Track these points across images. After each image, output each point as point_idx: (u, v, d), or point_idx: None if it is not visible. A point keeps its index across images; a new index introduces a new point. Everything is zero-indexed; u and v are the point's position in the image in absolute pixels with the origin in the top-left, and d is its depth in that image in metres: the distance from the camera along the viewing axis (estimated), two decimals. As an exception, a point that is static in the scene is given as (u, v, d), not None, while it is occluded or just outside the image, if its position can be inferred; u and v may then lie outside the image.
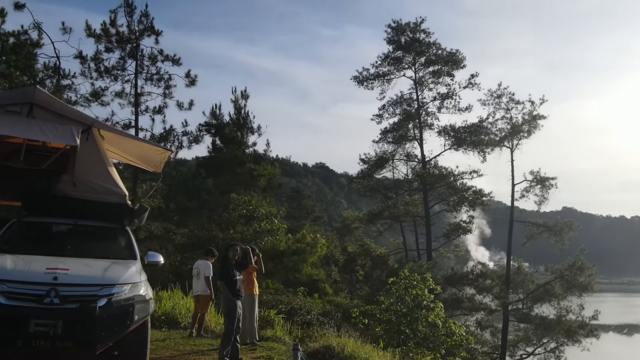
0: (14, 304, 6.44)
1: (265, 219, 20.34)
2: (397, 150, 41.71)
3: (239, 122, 23.94)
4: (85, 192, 8.67)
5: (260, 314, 13.43)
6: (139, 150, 10.80)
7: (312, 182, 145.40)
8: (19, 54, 23.95)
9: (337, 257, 47.38)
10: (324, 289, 37.00)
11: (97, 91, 25.80)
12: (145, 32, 25.93)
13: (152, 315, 12.87)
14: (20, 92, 8.86)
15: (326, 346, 10.51)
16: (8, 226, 8.31)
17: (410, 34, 40.11)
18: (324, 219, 73.91)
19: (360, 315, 22.03)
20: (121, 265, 7.56)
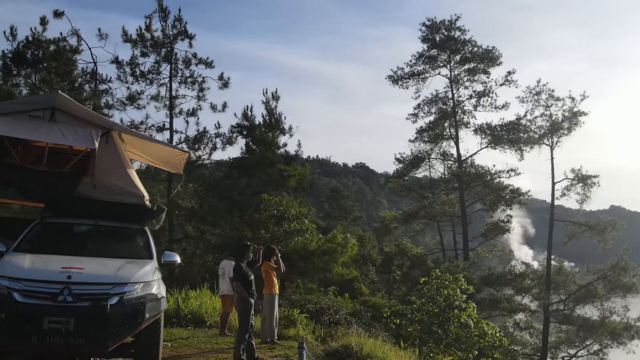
0: (29, 302, 6.69)
1: (295, 220, 20.44)
2: (433, 149, 41.40)
3: (270, 123, 24.14)
4: (105, 193, 8.92)
5: (284, 313, 13.56)
6: (159, 152, 11.05)
7: (353, 182, 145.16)
8: (58, 61, 24.71)
9: (374, 257, 47.32)
10: (360, 288, 36.99)
11: (133, 95, 26.44)
12: (179, 36, 26.47)
13: (178, 314, 13.24)
14: (42, 97, 9.19)
15: (345, 345, 10.55)
16: (31, 227, 8.62)
17: (445, 31, 39.73)
18: (363, 219, 73.81)
19: (391, 315, 22.00)
20: (135, 265, 7.74)
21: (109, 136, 9.09)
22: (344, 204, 71.42)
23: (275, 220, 20.21)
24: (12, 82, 27.31)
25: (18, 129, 8.62)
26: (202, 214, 23.18)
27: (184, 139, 26.18)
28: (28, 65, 27.10)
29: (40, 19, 27.10)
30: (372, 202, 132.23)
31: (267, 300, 11.11)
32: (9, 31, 26.83)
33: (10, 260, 7.36)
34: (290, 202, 21.18)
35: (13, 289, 6.74)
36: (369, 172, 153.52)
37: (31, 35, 27.15)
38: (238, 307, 9.76)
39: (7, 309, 6.62)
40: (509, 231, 39.89)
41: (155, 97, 26.71)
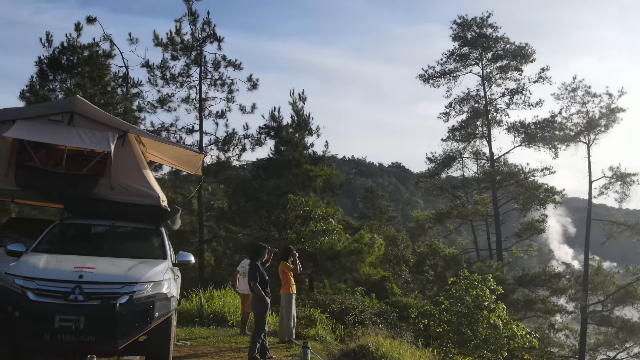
0: (42, 300, 6.90)
1: (322, 220, 20.48)
2: (465, 148, 40.91)
3: (298, 124, 24.26)
4: (122, 194, 9.13)
5: (304, 313, 13.62)
6: (176, 154, 11.25)
7: (388, 182, 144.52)
8: (91, 65, 25.32)
9: (407, 257, 47.05)
10: (391, 289, 36.80)
11: (164, 98, 26.86)
12: (208, 38, 26.77)
13: (201, 313, 13.42)
14: (61, 101, 9.46)
15: (362, 345, 10.56)
16: (51, 228, 8.89)
17: (477, 29, 39.22)
18: (398, 219, 73.32)
19: (419, 315, 21.86)
20: (147, 265, 7.89)
21: (125, 139, 9.30)
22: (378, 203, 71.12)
23: (302, 220, 20.29)
24: (48, 87, 28.08)
25: (38, 133, 8.90)
26: (231, 214, 23.47)
27: (214, 140, 26.49)
28: (63, 70, 27.86)
29: (75, 25, 27.87)
30: (408, 202, 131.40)
31: (285, 300, 11.18)
32: (45, 38, 27.66)
33: (26, 260, 7.60)
34: (316, 202, 21.24)
35: (27, 288, 6.96)
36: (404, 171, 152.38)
37: (66, 41, 27.93)
38: (255, 306, 9.82)
39: (21, 308, 6.85)
40: (543, 231, 39.21)
41: (186, 99, 27.08)
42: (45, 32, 28.53)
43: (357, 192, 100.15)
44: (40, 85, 28.02)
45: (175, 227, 10.64)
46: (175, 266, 8.86)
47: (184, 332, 12.36)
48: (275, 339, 11.41)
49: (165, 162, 12.59)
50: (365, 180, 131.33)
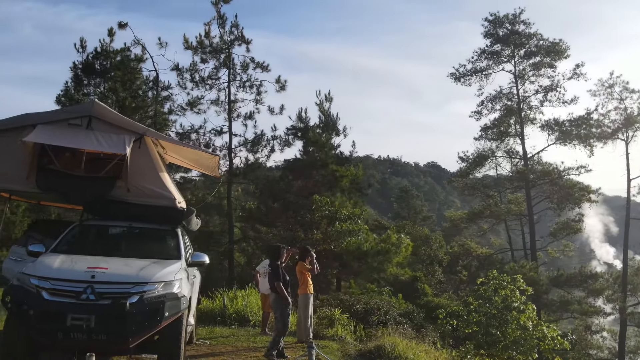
0: (55, 300, 7.09)
1: (348, 220, 20.51)
2: (499, 146, 40.34)
3: (325, 125, 24.34)
4: (138, 196, 9.32)
5: (325, 313, 13.66)
6: (194, 156, 11.42)
7: (424, 181, 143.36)
8: (122, 70, 25.87)
9: (441, 257, 46.66)
10: (423, 289, 36.58)
11: (194, 100, 27.26)
12: (236, 41, 27.07)
13: (223, 313, 13.58)
14: (80, 106, 9.72)
15: (379, 346, 10.54)
16: (70, 229, 9.14)
17: (509, 25, 38.64)
18: (433, 218, 72.78)
19: (447, 316, 21.66)
20: (160, 265, 8.03)
21: (142, 141, 9.49)
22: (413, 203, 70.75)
23: (328, 220, 20.35)
24: (83, 92, 28.78)
25: (57, 137, 9.15)
26: (259, 215, 23.69)
27: (243, 141, 26.77)
28: (97, 75, 28.49)
29: (108, 30, 28.52)
30: (444, 202, 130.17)
31: (302, 300, 11.23)
32: (79, 43, 28.35)
33: (43, 260, 7.83)
34: (343, 203, 21.27)
35: (41, 288, 7.16)
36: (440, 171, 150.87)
37: (100, 46, 28.57)
38: (277, 306, 9.88)
39: (35, 307, 7.05)
40: (580, 231, 38.39)
41: (215, 101, 27.47)
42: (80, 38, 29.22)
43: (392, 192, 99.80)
44: (75, 89, 28.74)
45: (193, 227, 10.81)
46: (190, 266, 8.98)
47: (206, 331, 12.53)
48: (293, 339, 11.48)
49: (184, 164, 12.78)
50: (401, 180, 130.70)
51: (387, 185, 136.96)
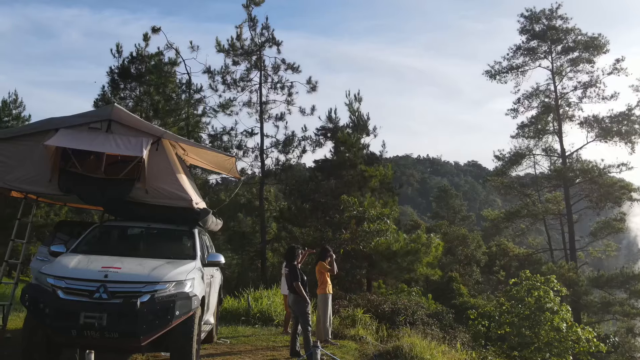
0: (70, 298, 7.31)
1: (376, 220, 20.44)
2: (537, 144, 39.55)
3: (355, 125, 24.35)
4: (156, 197, 9.52)
5: (348, 313, 13.67)
6: (212, 158, 11.60)
7: (464, 180, 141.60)
8: (155, 74, 26.38)
9: (478, 257, 46.05)
10: (459, 289, 36.18)
11: (227, 102, 27.59)
12: (267, 43, 27.28)
13: (247, 312, 13.73)
14: (100, 110, 9.95)
15: (397, 346, 10.50)
16: (91, 229, 9.41)
17: (546, 21, 37.87)
18: (472, 218, 71.85)
19: (478, 316, 21.42)
20: (172, 265, 8.17)
21: (160, 144, 9.70)
22: (452, 203, 70.03)
23: (356, 220, 20.33)
24: (119, 96, 29.43)
25: (78, 141, 9.43)
26: (290, 215, 23.84)
27: (274, 142, 26.97)
28: (133, 79, 29.07)
29: (143, 35, 29.03)
30: (485, 201, 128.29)
31: (321, 300, 11.26)
32: (115, 49, 29.00)
33: (60, 260, 8.07)
34: (372, 203, 21.21)
35: (57, 287, 7.39)
36: (481, 170, 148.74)
37: (135, 51, 29.18)
38: (298, 307, 9.94)
39: (50, 305, 7.28)
40: (622, 230, 37.34)
41: (248, 103, 27.76)
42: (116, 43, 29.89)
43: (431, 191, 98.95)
44: (112, 93, 29.41)
45: (212, 228, 10.97)
46: (206, 266, 9.11)
47: (229, 330, 12.69)
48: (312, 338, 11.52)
49: (204, 166, 12.97)
50: (440, 179, 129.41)
51: (427, 184, 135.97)
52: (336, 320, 13.29)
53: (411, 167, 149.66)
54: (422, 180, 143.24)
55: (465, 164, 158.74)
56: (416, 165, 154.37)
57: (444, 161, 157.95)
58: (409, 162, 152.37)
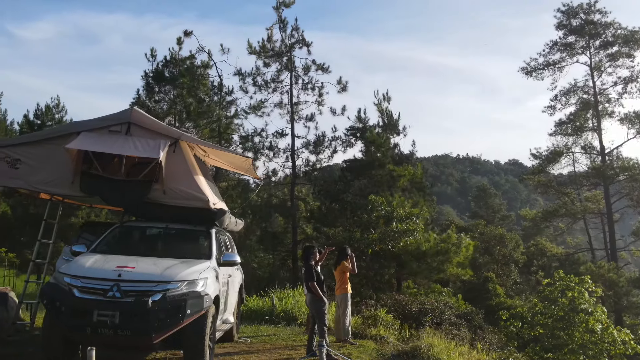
0: (84, 297, 7.53)
1: (405, 220, 20.31)
2: (576, 142, 38.62)
3: (387, 124, 24.28)
4: (174, 198, 9.71)
5: (371, 313, 13.65)
6: (230, 159, 11.75)
7: (505, 179, 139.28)
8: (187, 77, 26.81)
9: (516, 257, 45.28)
10: (495, 289, 35.64)
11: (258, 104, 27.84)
12: (297, 44, 27.42)
13: (271, 312, 13.85)
14: (120, 113, 10.16)
15: (416, 346, 10.46)
16: (111, 229, 9.65)
17: (584, 15, 36.95)
18: (512, 217, 70.71)
19: (510, 317, 21.08)
20: (186, 264, 8.31)
21: (177, 145, 9.88)
22: (491, 202, 69.07)
23: (384, 220, 20.26)
24: (154, 99, 30.04)
25: (98, 144, 9.70)
26: (320, 215, 23.93)
27: (305, 143, 27.09)
28: (166, 82, 29.63)
29: (177, 39, 29.59)
30: (526, 200, 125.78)
31: (341, 300, 11.28)
32: (150, 53, 29.61)
33: (77, 260, 8.31)
34: (401, 203, 21.09)
35: (73, 286, 7.62)
36: (522, 168, 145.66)
37: (169, 54, 29.73)
38: (315, 306, 9.99)
39: (66, 303, 7.51)
40: (665, 230, 36.16)
41: (279, 104, 27.97)
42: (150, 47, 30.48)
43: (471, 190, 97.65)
44: (147, 97, 30.02)
45: (232, 228, 11.12)
46: (222, 266, 9.23)
47: (252, 329, 12.82)
48: (332, 338, 11.56)
49: (224, 166, 13.14)
50: (480, 178, 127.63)
51: (467, 183, 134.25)
52: (359, 319, 13.30)
53: (450, 166, 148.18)
54: (462, 179, 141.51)
55: (505, 163, 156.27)
56: (455, 164, 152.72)
57: (483, 160, 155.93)
58: (447, 162, 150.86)
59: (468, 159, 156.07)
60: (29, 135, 12.41)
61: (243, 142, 27.22)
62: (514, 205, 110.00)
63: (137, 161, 10.38)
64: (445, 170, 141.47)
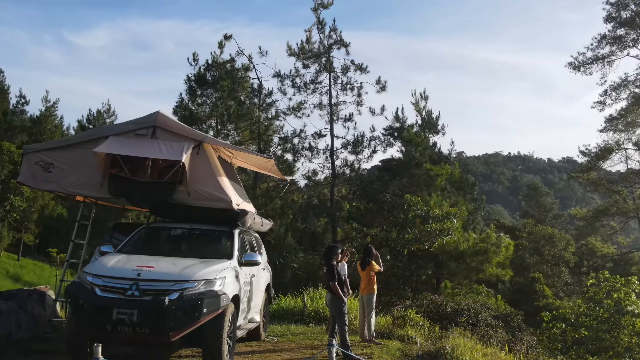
0: (105, 295, 7.78)
1: (442, 219, 20.08)
2: (628, 138, 37.26)
3: (426, 123, 24.08)
4: (198, 199, 9.92)
5: (401, 313, 13.57)
6: (253, 160, 11.89)
7: (559, 177, 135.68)
8: (226, 80, 27.24)
9: (567, 257, 44.15)
10: (542, 290, 34.84)
11: (298, 105, 28.05)
12: (335, 45, 27.49)
13: (303, 311, 13.94)
14: (146, 117, 10.41)
15: (441, 347, 10.36)
16: (138, 230, 9.94)
17: (634, 6, 35.61)
18: (565, 217, 68.88)
19: (552, 319, 20.57)
20: (205, 264, 8.47)
21: (201, 148, 10.08)
22: (542, 201, 67.56)
23: (420, 220, 20.09)
24: (197, 102, 30.63)
25: (125, 147, 9.98)
26: (358, 215, 23.91)
27: (344, 143, 27.14)
28: (208, 85, 30.18)
29: (218, 42, 30.12)
30: (582, 199, 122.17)
31: (366, 300, 11.27)
32: (192, 57, 30.20)
33: (101, 260, 8.59)
34: (438, 202, 20.87)
35: (95, 285, 7.88)
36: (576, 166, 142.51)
37: (211, 58, 30.27)
38: (334, 306, 10.06)
39: (88, 302, 7.78)
40: None
41: (319, 105, 28.11)
42: (192, 52, 31.12)
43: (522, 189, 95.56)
44: (190, 100, 30.62)
45: (256, 228, 11.25)
46: (244, 266, 9.36)
47: (282, 328, 12.93)
48: (356, 337, 11.57)
49: (251, 168, 13.32)
50: (533, 177, 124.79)
51: (518, 182, 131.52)
52: (389, 319, 13.26)
53: (501, 164, 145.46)
54: (513, 178, 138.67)
55: (559, 160, 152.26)
56: (506, 162, 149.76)
57: (536, 158, 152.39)
58: (498, 160, 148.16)
59: (519, 157, 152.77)
60: (61, 140, 12.87)
61: (282, 143, 27.47)
62: (568, 204, 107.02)
63: (167, 164, 10.61)
64: (496, 169, 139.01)
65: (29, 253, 51.00)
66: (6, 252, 45.93)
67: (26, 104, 53.39)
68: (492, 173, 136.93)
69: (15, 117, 51.88)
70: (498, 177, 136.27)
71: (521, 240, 41.81)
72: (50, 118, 54.00)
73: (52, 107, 54.20)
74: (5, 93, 51.10)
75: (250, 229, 10.91)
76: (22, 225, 46.41)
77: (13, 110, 52.15)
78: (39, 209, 47.27)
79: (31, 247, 52.99)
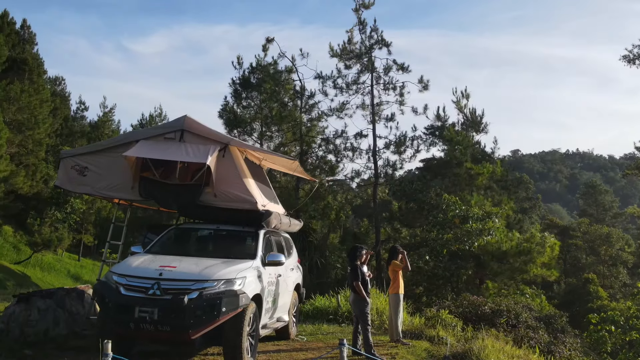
0: (129, 294, 8.08)
1: (483, 219, 19.76)
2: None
3: (467, 122, 23.77)
4: (224, 201, 10.17)
5: (432, 313, 13.47)
6: (280, 161, 12.06)
7: (620, 175, 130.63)
8: (269, 82, 27.60)
9: (625, 258, 42.66)
10: (596, 292, 33.72)
11: (340, 105, 28.14)
12: (376, 44, 27.45)
13: (335, 312, 14.02)
14: (174, 121, 10.74)
15: (468, 349, 10.24)
16: (167, 231, 10.26)
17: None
18: (625, 215, 66.48)
19: (600, 321, 19.94)
20: (226, 264, 8.66)
21: (227, 150, 10.33)
22: (601, 199, 65.50)
23: (460, 220, 19.83)
24: (242, 105, 31.11)
25: (154, 151, 10.33)
26: (400, 215, 23.81)
27: (386, 143, 27.03)
28: (253, 88, 30.61)
29: (262, 46, 30.49)
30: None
31: (393, 300, 11.25)
32: (236, 61, 30.70)
33: (127, 260, 8.92)
34: (480, 202, 20.56)
35: (119, 284, 8.20)
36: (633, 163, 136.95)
37: (255, 61, 30.70)
38: (358, 306, 10.09)
39: (113, 300, 8.11)
40: None
41: (361, 105, 28.11)
42: (237, 55, 31.63)
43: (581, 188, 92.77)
44: (235, 103, 31.12)
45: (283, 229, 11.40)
46: (267, 266, 9.51)
47: (314, 328, 13.01)
48: (385, 337, 11.55)
49: (280, 169, 13.48)
50: (593, 174, 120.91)
51: (577, 180, 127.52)
52: (422, 319, 13.20)
53: (559, 162, 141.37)
54: (572, 176, 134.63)
55: (621, 157, 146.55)
56: (564, 160, 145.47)
57: (596, 155, 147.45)
58: (556, 158, 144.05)
59: (578, 154, 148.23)
60: (95, 145, 13.36)
61: (324, 144, 27.60)
62: (630, 202, 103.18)
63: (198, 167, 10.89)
64: (553, 167, 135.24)
65: (89, 253, 52.84)
66: (67, 252, 47.75)
67: (85, 110, 55.34)
68: (549, 171, 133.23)
69: (76, 123, 53.82)
70: (556, 175, 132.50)
71: (575, 240, 40.65)
72: (108, 123, 55.76)
73: (110, 112, 55.97)
74: (66, 100, 53.11)
75: (276, 230, 11.05)
76: (82, 226, 48.17)
77: (73, 117, 54.13)
78: (96, 210, 48.97)
79: (90, 247, 54.94)
